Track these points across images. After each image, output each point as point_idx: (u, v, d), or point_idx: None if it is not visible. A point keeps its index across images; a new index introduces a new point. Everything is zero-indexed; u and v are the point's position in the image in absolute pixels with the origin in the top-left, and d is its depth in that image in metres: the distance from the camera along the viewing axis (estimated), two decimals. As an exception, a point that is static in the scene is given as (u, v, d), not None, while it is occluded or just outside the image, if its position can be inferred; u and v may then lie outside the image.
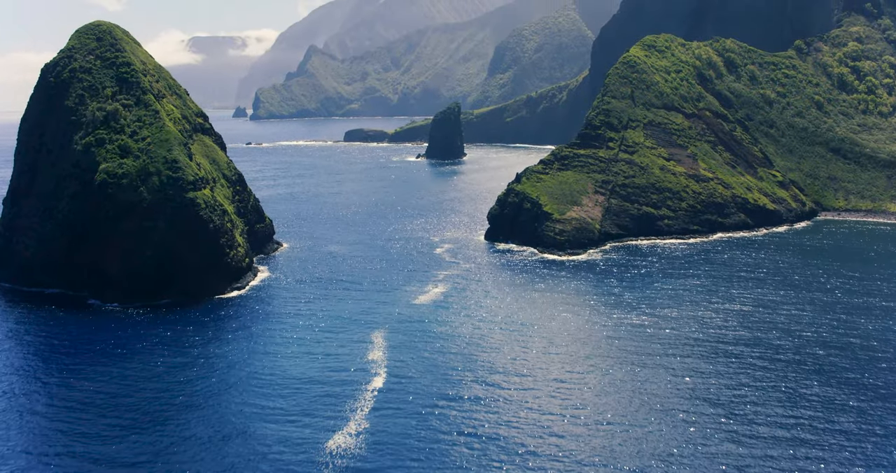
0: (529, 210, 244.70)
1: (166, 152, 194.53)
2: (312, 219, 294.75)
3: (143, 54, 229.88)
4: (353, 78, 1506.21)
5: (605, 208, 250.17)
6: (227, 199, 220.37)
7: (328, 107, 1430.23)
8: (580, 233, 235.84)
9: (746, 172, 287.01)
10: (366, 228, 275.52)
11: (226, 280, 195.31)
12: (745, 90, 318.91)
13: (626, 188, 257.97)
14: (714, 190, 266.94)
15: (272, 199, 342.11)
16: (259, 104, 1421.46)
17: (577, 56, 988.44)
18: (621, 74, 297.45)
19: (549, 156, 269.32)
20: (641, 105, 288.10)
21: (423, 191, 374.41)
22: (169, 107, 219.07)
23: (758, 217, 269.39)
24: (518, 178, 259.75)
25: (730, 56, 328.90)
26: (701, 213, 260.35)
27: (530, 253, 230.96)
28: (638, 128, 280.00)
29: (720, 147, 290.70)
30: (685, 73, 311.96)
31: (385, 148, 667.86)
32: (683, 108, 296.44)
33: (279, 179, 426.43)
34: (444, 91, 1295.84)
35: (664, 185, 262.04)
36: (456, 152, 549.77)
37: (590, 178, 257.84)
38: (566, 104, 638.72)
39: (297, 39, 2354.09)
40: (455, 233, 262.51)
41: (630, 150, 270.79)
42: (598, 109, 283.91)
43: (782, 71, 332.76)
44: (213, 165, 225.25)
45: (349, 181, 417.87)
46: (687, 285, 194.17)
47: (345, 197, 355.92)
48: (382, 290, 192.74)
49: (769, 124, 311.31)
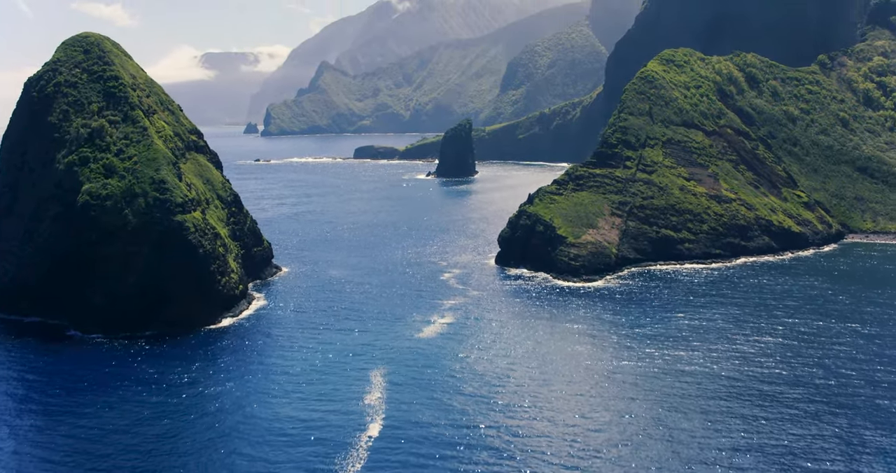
0: (542, 233, 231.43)
1: (153, 172, 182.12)
2: (315, 241, 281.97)
3: (133, 68, 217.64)
4: (365, 94, 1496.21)
5: (622, 231, 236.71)
6: (221, 222, 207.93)
7: (340, 124, 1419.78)
8: (596, 258, 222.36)
9: (770, 193, 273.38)
10: (370, 251, 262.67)
11: (217, 309, 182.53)
12: (767, 106, 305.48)
13: (645, 210, 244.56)
14: (736, 211, 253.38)
15: (274, 220, 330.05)
16: (270, 120, 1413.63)
17: (590, 72, 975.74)
18: (638, 90, 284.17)
19: (563, 176, 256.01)
20: (660, 122, 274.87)
21: (431, 210, 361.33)
22: (160, 123, 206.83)
23: (783, 240, 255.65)
24: (530, 199, 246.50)
25: (751, 71, 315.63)
26: (723, 236, 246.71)
27: (543, 280, 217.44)
28: (656, 146, 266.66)
29: (742, 166, 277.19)
30: (705, 88, 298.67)
31: (395, 165, 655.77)
32: (704, 126, 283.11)
33: (284, 198, 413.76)
34: (457, 107, 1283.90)
35: (684, 207, 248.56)
36: (467, 170, 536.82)
37: (606, 199, 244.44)
38: (580, 121, 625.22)
39: (309, 56, 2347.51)
40: (464, 257, 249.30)
41: (648, 170, 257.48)
42: (614, 127, 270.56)
43: (806, 86, 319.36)
44: (207, 185, 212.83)
45: (356, 200, 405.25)
46: (713, 315, 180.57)
47: (350, 216, 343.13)
48: (385, 321, 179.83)
49: (793, 142, 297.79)
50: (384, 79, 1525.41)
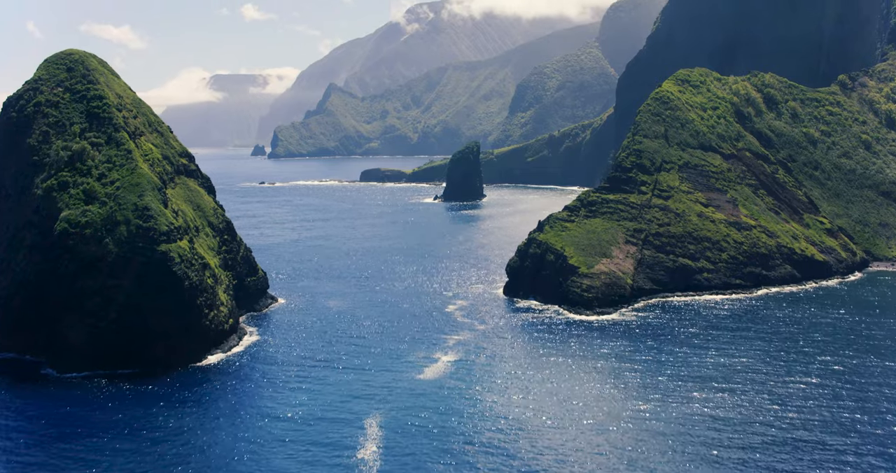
0: (553, 262, 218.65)
1: (137, 198, 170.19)
2: (314, 269, 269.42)
3: (120, 87, 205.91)
4: (373, 116, 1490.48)
5: (637, 260, 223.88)
6: (212, 250, 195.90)
7: (347, 146, 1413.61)
8: (610, 289, 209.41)
9: (791, 219, 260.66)
10: (372, 280, 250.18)
11: (204, 345, 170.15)
12: (786, 129, 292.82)
13: (661, 237, 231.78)
14: (757, 239, 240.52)
15: (273, 246, 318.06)
16: (277, 142, 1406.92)
17: (600, 94, 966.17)
18: (653, 111, 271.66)
19: (574, 202, 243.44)
20: (676, 145, 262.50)
21: (437, 236, 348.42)
22: (147, 146, 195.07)
23: (806, 269, 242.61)
24: (540, 227, 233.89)
25: (769, 92, 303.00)
26: (743, 266, 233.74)
27: (554, 313, 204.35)
28: (672, 170, 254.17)
29: (762, 191, 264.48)
30: (722, 109, 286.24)
31: (402, 188, 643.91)
32: (721, 149, 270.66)
33: (285, 223, 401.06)
34: (465, 130, 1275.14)
35: (702, 234, 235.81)
36: (475, 193, 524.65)
37: (620, 227, 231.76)
38: (590, 143, 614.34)
39: (318, 78, 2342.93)
40: (470, 287, 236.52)
41: (664, 195, 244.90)
42: (628, 150, 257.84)
43: (826, 108, 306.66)
44: (198, 212, 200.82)
45: (360, 225, 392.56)
46: (738, 352, 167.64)
47: (353, 243, 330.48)
48: (386, 358, 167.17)
49: (813, 166, 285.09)
50: (392, 101, 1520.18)
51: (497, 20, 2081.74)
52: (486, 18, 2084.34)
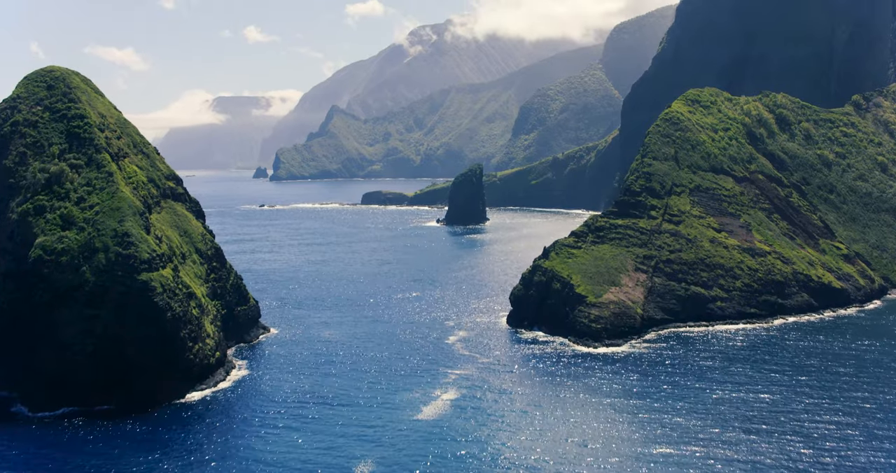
0: (559, 291, 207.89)
1: (117, 224, 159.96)
2: (310, 296, 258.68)
3: (104, 106, 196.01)
4: (376, 138, 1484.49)
5: (647, 288, 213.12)
6: (199, 279, 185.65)
7: (349, 168, 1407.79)
8: (619, 320, 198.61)
9: (807, 244, 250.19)
10: (369, 308, 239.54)
11: (188, 380, 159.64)
12: (800, 150, 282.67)
13: (672, 264, 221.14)
14: (772, 266, 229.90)
15: (269, 272, 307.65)
16: (279, 164, 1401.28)
17: (604, 117, 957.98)
18: (663, 132, 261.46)
19: (581, 227, 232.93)
20: (686, 167, 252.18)
21: (438, 262, 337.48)
22: (131, 168, 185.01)
23: (823, 297, 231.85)
24: (545, 253, 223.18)
25: (781, 112, 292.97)
26: (758, 294, 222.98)
27: (561, 345, 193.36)
28: (683, 193, 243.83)
29: (776, 215, 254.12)
30: (734, 131, 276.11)
31: (403, 211, 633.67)
32: (733, 171, 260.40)
33: (283, 247, 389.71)
34: (468, 152, 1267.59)
35: (715, 261, 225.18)
36: (477, 217, 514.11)
37: (629, 253, 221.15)
38: (594, 166, 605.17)
39: (321, 100, 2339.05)
40: (472, 317, 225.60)
41: (675, 220, 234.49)
42: (637, 172, 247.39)
43: (840, 129, 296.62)
44: (184, 238, 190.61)
45: (359, 249, 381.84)
46: (759, 387, 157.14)
47: (351, 268, 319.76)
48: (382, 395, 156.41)
49: (828, 189, 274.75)
50: (395, 123, 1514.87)
51: (500, 42, 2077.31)
52: (489, 40, 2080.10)
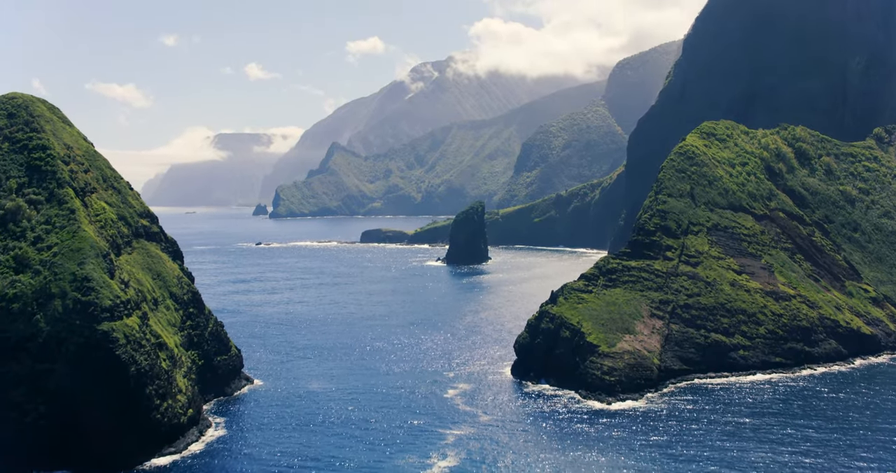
0: (569, 340, 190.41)
1: (76, 266, 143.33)
2: (300, 343, 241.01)
3: (70, 136, 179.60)
4: (376, 175, 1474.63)
5: (664, 336, 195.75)
6: (173, 327, 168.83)
7: (350, 206, 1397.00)
8: (635, 371, 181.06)
9: (832, 286, 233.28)
10: (364, 356, 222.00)
11: (154, 442, 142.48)
12: (821, 186, 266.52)
13: (690, 310, 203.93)
14: (798, 310, 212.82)
15: (259, 316, 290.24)
16: (279, 202, 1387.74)
17: (607, 153, 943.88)
18: (678, 167, 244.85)
19: (592, 270, 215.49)
20: (703, 204, 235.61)
21: (437, 305, 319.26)
22: (99, 204, 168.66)
23: (852, 343, 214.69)
24: (553, 298, 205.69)
25: (800, 146, 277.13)
26: (783, 341, 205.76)
27: (571, 400, 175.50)
28: (700, 233, 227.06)
29: (799, 255, 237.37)
30: (752, 165, 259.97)
31: (403, 250, 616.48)
32: (753, 209, 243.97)
33: (275, 290, 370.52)
34: (470, 189, 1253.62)
35: (737, 306, 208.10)
36: (479, 256, 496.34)
37: (644, 298, 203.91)
38: (599, 203, 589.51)
39: (322, 136, 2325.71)
40: (474, 367, 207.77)
41: (692, 261, 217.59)
42: (651, 210, 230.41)
43: (863, 163, 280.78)
44: (157, 281, 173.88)
45: (356, 291, 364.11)
46: (795, 447, 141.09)
47: (346, 311, 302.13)
48: (372, 458, 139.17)
49: (852, 227, 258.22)
50: (396, 160, 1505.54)
51: (502, 79, 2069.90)
52: (490, 77, 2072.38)
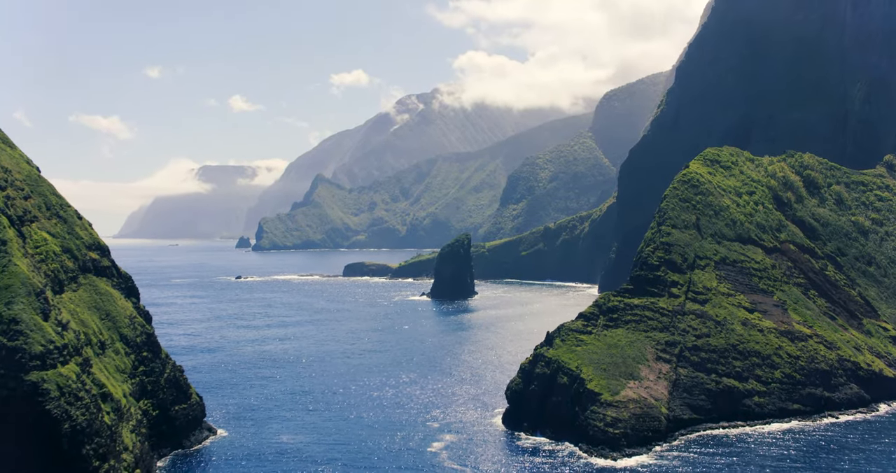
0: (567, 387, 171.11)
1: (3, 307, 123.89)
2: (272, 388, 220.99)
3: (9, 158, 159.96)
4: (361, 208, 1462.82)
5: (671, 382, 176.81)
6: (122, 374, 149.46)
7: (334, 239, 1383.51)
8: (641, 422, 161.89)
9: (849, 325, 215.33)
10: (340, 403, 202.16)
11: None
12: (832, 217, 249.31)
13: (699, 352, 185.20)
14: (815, 352, 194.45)
15: (228, 357, 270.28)
16: (262, 234, 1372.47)
17: (594, 185, 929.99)
18: (682, 197, 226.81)
19: (591, 308, 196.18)
20: (710, 236, 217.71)
21: (421, 344, 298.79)
22: (40, 235, 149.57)
23: (875, 387, 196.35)
24: (549, 340, 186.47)
25: (809, 174, 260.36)
26: (801, 386, 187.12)
27: (571, 455, 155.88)
28: (708, 267, 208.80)
29: (812, 291, 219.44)
30: (759, 195, 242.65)
31: (387, 284, 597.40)
32: (762, 241, 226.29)
33: (249, 328, 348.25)
34: (455, 222, 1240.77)
35: (750, 347, 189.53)
36: (465, 291, 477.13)
37: (649, 339, 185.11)
38: (589, 236, 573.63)
39: (307, 169, 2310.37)
40: (461, 414, 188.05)
41: (700, 298, 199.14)
42: (654, 243, 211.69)
43: (874, 192, 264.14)
44: (106, 322, 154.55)
45: (335, 328, 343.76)
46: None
47: (323, 351, 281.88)
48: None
49: (867, 260, 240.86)
50: (380, 192, 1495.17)
51: (488, 111, 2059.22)
52: (476, 109, 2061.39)
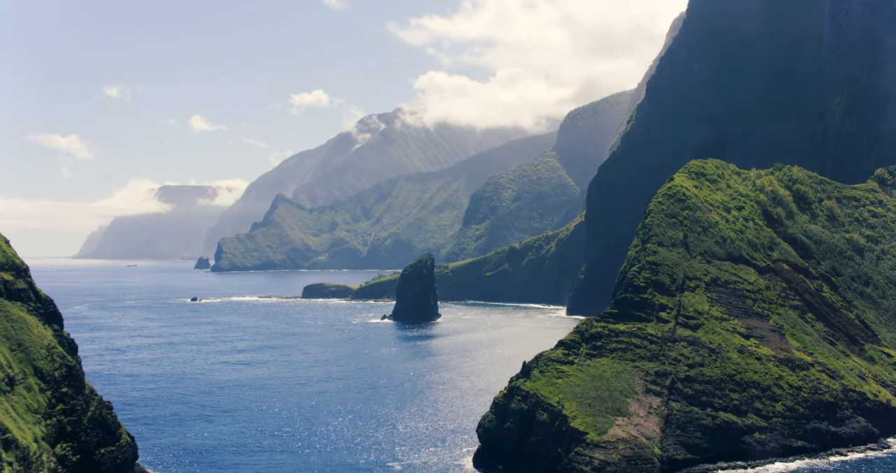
0: (547, 424, 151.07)
1: None
2: (217, 423, 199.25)
3: None
4: (321, 229, 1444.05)
5: (663, 417, 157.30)
6: (34, 414, 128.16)
7: (294, 259, 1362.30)
8: (633, 465, 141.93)
9: (850, 350, 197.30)
10: (290, 441, 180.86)
11: None
12: (825, 234, 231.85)
13: (693, 383, 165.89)
14: (818, 382, 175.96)
15: (169, 390, 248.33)
16: (221, 255, 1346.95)
17: (558, 205, 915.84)
18: (668, 212, 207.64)
19: (572, 335, 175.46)
20: (699, 255, 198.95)
21: (382, 372, 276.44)
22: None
23: (883, 421, 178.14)
24: (526, 371, 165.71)
25: (799, 188, 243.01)
26: (805, 420, 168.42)
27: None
28: (699, 289, 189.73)
29: (809, 314, 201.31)
30: (748, 210, 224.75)
31: (347, 306, 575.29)
32: (755, 260, 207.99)
33: (200, 355, 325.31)
34: (417, 242, 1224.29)
35: (748, 377, 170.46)
36: (429, 313, 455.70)
37: (637, 369, 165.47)
38: (555, 256, 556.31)
39: (268, 189, 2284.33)
40: (427, 455, 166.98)
41: (692, 323, 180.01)
42: (639, 262, 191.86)
43: (867, 208, 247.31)
44: (17, 353, 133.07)
45: (289, 355, 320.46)
46: None
47: (277, 381, 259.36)
48: None
49: (863, 281, 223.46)
50: (341, 212, 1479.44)
51: (450, 131, 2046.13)
52: (438, 129, 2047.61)
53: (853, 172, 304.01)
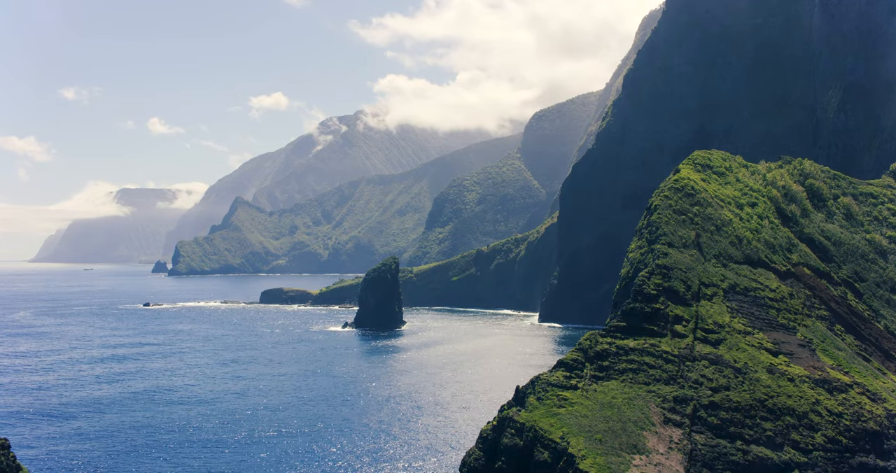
0: (549, 466, 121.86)
1: None
2: (151, 456, 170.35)
3: None
4: (281, 232, 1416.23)
5: (686, 453, 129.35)
6: None
7: (253, 263, 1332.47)
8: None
9: (885, 367, 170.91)
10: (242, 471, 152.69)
11: None
12: (844, 235, 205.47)
13: (718, 411, 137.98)
14: (860, 406, 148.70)
15: (98, 421, 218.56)
16: (179, 258, 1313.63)
17: (524, 207, 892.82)
18: (676, 208, 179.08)
19: (574, 354, 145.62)
20: (714, 258, 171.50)
21: (342, 390, 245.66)
22: None
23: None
24: (520, 398, 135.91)
25: (812, 183, 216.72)
26: (849, 453, 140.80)
27: None
28: (716, 297, 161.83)
29: (838, 326, 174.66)
30: (762, 207, 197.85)
31: (306, 312, 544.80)
32: (774, 264, 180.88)
33: (143, 370, 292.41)
34: (379, 246, 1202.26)
35: (781, 403, 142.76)
36: (393, 320, 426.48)
37: (652, 395, 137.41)
38: (525, 260, 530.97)
39: (227, 192, 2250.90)
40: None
41: (712, 338, 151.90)
42: (649, 266, 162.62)
43: (886, 206, 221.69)
44: None
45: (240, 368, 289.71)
46: None
47: (221, 401, 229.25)
48: None
49: (889, 286, 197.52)
50: (302, 216, 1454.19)
51: (412, 133, 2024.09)
52: (401, 131, 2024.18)
53: (849, 169, 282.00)
